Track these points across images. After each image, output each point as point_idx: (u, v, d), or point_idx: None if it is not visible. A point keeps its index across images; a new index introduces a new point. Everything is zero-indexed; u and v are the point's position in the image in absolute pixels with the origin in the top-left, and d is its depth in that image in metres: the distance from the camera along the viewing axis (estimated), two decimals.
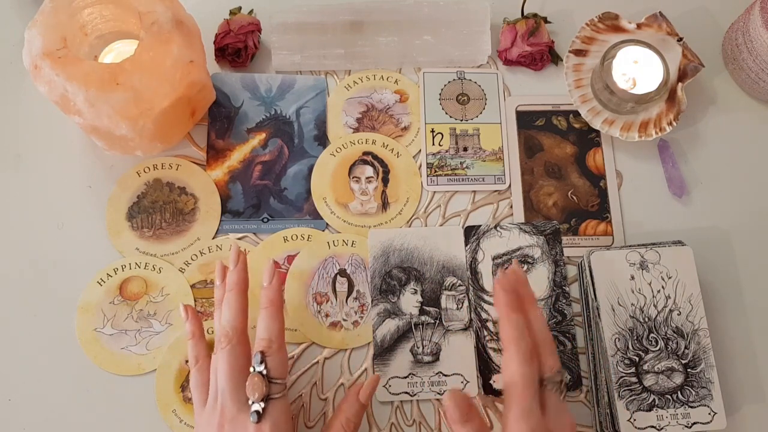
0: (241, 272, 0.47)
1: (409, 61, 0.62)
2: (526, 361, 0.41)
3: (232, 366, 0.43)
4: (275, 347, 0.43)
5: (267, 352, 0.43)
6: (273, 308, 0.45)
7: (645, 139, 0.57)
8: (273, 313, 0.45)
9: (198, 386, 0.46)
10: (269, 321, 0.44)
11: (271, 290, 0.46)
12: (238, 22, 0.59)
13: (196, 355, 0.47)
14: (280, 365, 0.43)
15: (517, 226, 0.57)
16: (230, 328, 0.44)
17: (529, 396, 0.40)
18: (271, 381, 0.42)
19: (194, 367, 0.47)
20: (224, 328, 0.44)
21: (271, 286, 0.46)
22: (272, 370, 0.42)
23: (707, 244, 0.57)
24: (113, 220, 0.56)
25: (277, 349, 0.43)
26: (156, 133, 0.52)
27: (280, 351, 0.43)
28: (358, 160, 0.59)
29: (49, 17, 0.49)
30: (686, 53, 0.58)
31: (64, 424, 0.52)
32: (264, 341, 0.43)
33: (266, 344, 0.43)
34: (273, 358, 0.43)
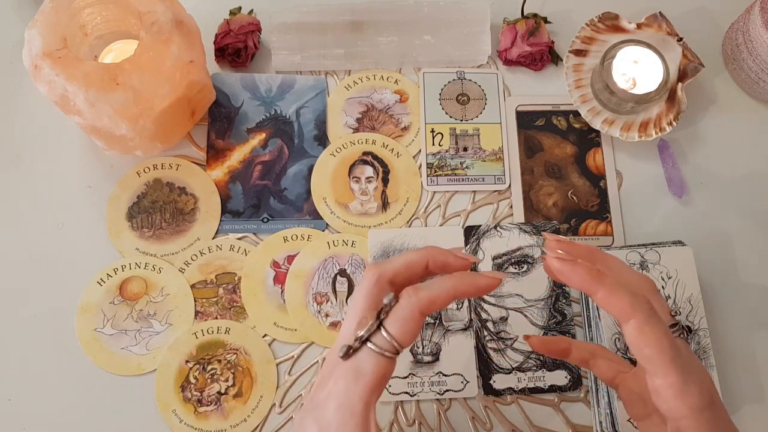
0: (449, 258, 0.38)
1: (409, 61, 0.62)
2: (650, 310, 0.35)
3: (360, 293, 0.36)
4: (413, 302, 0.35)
5: (402, 301, 0.35)
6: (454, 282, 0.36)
7: (645, 139, 0.57)
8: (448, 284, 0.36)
9: None
10: (438, 284, 0.36)
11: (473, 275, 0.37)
12: (238, 22, 0.59)
13: None
14: (401, 323, 0.34)
15: (517, 226, 0.57)
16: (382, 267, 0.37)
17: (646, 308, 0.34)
18: (382, 328, 0.34)
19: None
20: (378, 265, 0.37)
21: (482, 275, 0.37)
22: (391, 321, 0.34)
23: (707, 244, 0.57)
24: (113, 220, 0.56)
25: (413, 307, 0.35)
26: (156, 133, 0.52)
27: (413, 312, 0.35)
28: (358, 160, 0.59)
29: (49, 17, 0.49)
30: (686, 53, 0.58)
31: (64, 424, 0.52)
32: (411, 291, 0.35)
33: (410, 294, 0.35)
34: (401, 311, 0.35)
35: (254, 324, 0.54)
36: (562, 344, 0.44)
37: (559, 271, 0.36)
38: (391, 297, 0.35)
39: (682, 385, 0.34)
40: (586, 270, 0.35)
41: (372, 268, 0.37)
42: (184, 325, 0.54)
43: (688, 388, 0.34)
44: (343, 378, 0.34)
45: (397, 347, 0.34)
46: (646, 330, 0.34)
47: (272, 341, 0.54)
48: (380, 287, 0.36)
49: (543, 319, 0.54)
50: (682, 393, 0.34)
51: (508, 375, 0.53)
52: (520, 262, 0.56)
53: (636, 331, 0.34)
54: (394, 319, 0.34)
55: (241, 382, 0.53)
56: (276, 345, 0.54)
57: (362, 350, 0.34)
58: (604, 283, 0.35)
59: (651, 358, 0.34)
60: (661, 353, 0.34)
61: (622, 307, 0.34)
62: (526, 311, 0.54)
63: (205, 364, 0.53)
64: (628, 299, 0.34)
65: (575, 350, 0.44)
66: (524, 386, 0.53)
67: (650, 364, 0.34)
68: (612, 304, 0.34)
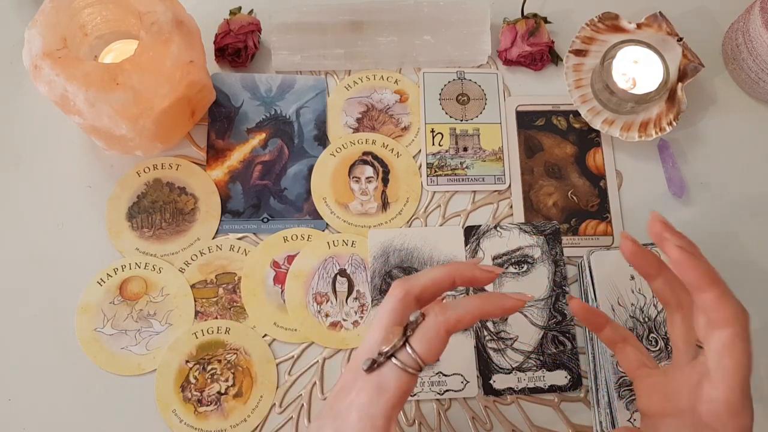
0: (475, 272, 0.39)
1: (409, 61, 0.62)
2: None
3: (387, 311, 0.37)
4: (440, 321, 0.35)
5: (429, 319, 0.36)
6: (481, 302, 0.37)
7: (645, 139, 0.57)
8: (474, 304, 0.37)
9: None
10: (465, 304, 0.37)
11: (500, 296, 0.38)
12: (238, 22, 0.59)
13: None
14: (427, 341, 0.35)
15: (517, 226, 0.57)
16: (409, 284, 0.37)
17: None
18: (407, 345, 0.35)
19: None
20: (404, 281, 0.38)
21: (507, 297, 0.38)
22: (416, 338, 0.35)
23: (707, 244, 0.57)
24: (113, 220, 0.56)
25: (440, 325, 0.35)
26: (156, 133, 0.52)
27: (439, 330, 0.35)
28: (358, 160, 0.59)
29: (49, 17, 0.49)
30: (686, 53, 0.58)
31: (64, 424, 0.52)
32: (438, 309, 0.36)
33: (437, 313, 0.36)
34: (427, 328, 0.35)
35: (254, 324, 0.54)
36: (601, 318, 0.43)
37: (679, 261, 0.35)
38: (418, 314, 0.36)
39: (739, 407, 0.34)
40: (709, 267, 0.35)
41: (399, 284, 0.37)
42: (184, 325, 0.54)
43: (743, 411, 0.35)
44: (366, 391, 0.34)
45: (420, 364, 0.35)
46: (737, 343, 0.34)
47: (272, 341, 0.54)
48: (406, 303, 0.37)
49: (543, 319, 0.54)
50: (735, 414, 0.34)
51: (508, 375, 0.53)
52: (520, 262, 0.56)
53: (728, 341, 0.34)
54: (420, 336, 0.35)
55: (241, 382, 0.53)
56: (276, 345, 0.54)
57: (386, 365, 0.35)
58: (719, 286, 0.35)
59: (726, 371, 0.34)
60: (736, 372, 0.34)
61: (726, 315, 0.35)
62: (526, 311, 0.54)
63: (205, 364, 0.53)
64: (734, 308, 0.35)
65: (609, 329, 0.43)
66: (524, 386, 0.53)
67: (722, 375, 0.34)
68: (717, 309, 0.34)
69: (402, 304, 0.37)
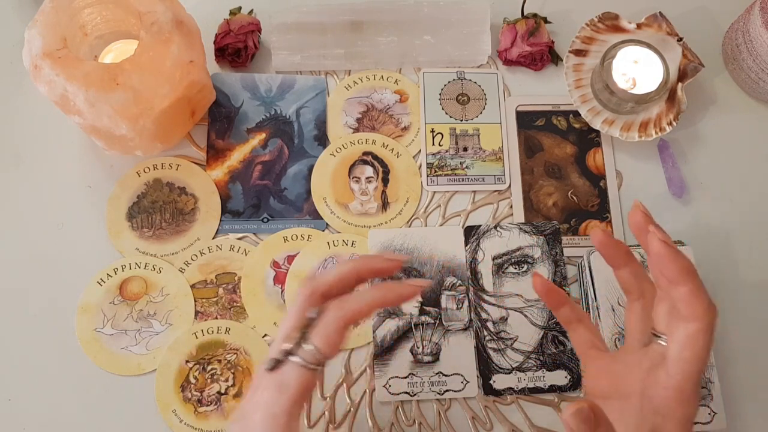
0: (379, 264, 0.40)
1: (409, 61, 0.62)
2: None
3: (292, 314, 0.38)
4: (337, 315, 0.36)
5: (326, 314, 0.36)
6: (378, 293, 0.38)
7: (645, 139, 0.57)
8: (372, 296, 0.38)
9: None
10: (361, 297, 0.38)
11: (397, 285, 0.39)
12: (238, 22, 0.59)
13: None
14: (324, 336, 0.36)
15: (517, 226, 0.57)
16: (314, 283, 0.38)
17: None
18: (305, 343, 0.36)
19: None
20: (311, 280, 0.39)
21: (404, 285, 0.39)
22: (314, 334, 0.36)
23: (707, 244, 0.57)
24: (113, 220, 0.56)
25: (337, 320, 0.36)
26: (156, 133, 0.52)
27: (336, 324, 0.36)
28: (358, 160, 0.59)
29: (49, 17, 0.49)
30: (686, 53, 0.58)
31: (64, 424, 0.52)
32: (335, 303, 0.37)
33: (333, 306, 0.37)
34: (324, 324, 0.36)
35: (254, 324, 0.54)
36: (561, 297, 0.43)
37: (660, 255, 0.36)
38: (315, 311, 0.37)
39: (690, 397, 0.35)
40: (687, 261, 0.35)
41: (306, 283, 0.38)
42: (184, 325, 0.54)
43: (692, 401, 0.36)
44: (269, 390, 0.35)
45: (320, 359, 0.36)
46: (700, 337, 0.35)
47: (272, 341, 0.54)
48: (312, 302, 0.38)
49: (543, 319, 0.54)
50: (685, 402, 0.35)
51: (508, 375, 0.53)
52: (520, 262, 0.56)
53: (693, 334, 0.35)
54: (318, 332, 0.36)
55: (241, 382, 0.53)
56: None
57: (287, 363, 0.35)
58: (695, 281, 0.35)
59: (685, 362, 0.35)
60: (694, 364, 0.35)
61: (696, 309, 0.35)
62: (526, 311, 0.55)
63: (205, 364, 0.53)
64: (705, 304, 0.35)
65: (567, 308, 0.43)
66: (524, 386, 0.53)
67: (680, 366, 0.35)
68: (690, 303, 0.35)
69: (308, 303, 0.37)
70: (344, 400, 0.52)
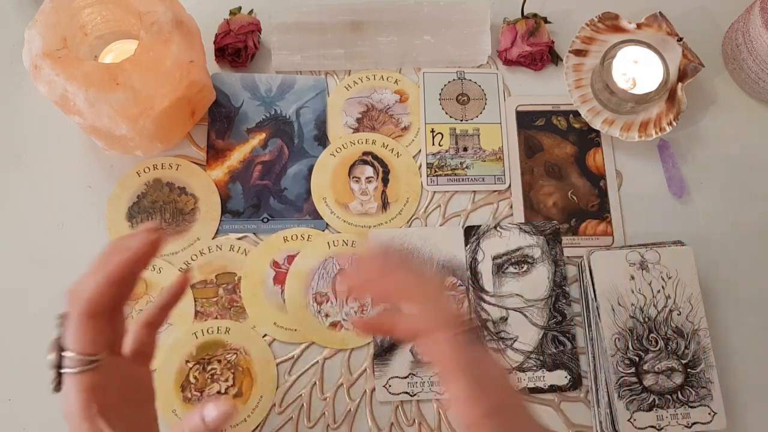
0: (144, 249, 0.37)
1: (409, 61, 0.62)
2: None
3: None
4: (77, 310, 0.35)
5: (64, 315, 0.36)
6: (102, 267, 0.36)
7: (645, 139, 0.57)
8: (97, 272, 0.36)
9: None
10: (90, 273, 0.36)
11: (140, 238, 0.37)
12: (238, 22, 0.59)
13: None
14: (72, 335, 0.35)
15: (517, 226, 0.57)
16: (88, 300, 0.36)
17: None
18: (63, 350, 0.35)
19: None
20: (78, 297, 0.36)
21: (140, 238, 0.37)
22: (66, 339, 0.35)
23: (707, 244, 0.57)
24: (113, 220, 0.56)
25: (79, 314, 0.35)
26: (156, 133, 0.52)
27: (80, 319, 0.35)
28: (358, 160, 0.59)
29: (49, 17, 0.49)
30: (686, 53, 0.58)
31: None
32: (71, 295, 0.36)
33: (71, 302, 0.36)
34: (69, 325, 0.36)
35: (254, 324, 0.54)
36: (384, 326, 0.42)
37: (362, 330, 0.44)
38: (60, 318, 0.36)
39: (470, 392, 0.36)
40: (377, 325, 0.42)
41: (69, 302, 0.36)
42: (184, 325, 0.54)
43: (477, 395, 0.36)
44: (64, 405, 0.36)
45: (84, 357, 0.35)
46: (431, 345, 0.37)
47: (272, 341, 0.54)
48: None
49: (543, 319, 0.54)
50: (471, 400, 0.36)
51: None
52: (520, 262, 0.56)
53: (426, 347, 0.37)
54: (66, 334, 0.35)
55: (241, 382, 0.52)
56: (276, 345, 0.54)
57: (64, 378, 0.36)
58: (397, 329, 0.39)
59: (441, 371, 0.37)
60: (450, 363, 0.36)
61: (408, 333, 0.38)
62: (526, 311, 0.54)
63: (205, 364, 0.53)
64: (411, 324, 0.38)
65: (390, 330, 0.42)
66: (524, 386, 0.53)
67: (442, 375, 0.37)
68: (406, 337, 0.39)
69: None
70: (344, 400, 0.52)
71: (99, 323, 0.36)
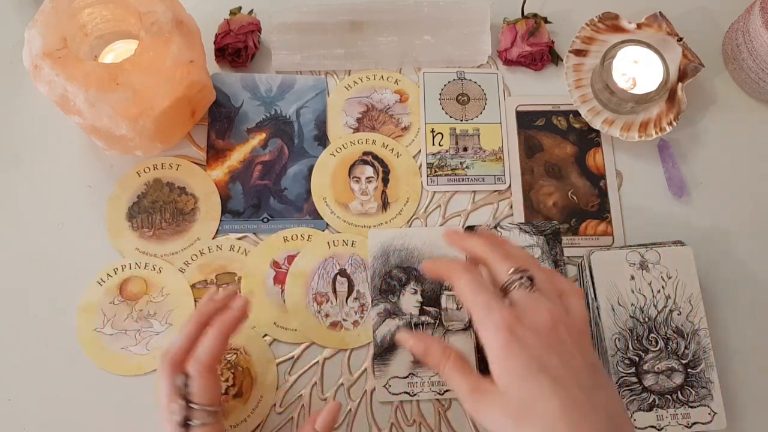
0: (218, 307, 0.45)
1: (409, 61, 0.62)
2: (464, 269, 0.40)
3: (162, 397, 0.41)
4: (200, 370, 0.41)
5: (191, 374, 0.41)
6: (218, 331, 0.43)
7: (645, 139, 0.57)
8: (215, 336, 0.42)
9: None
10: (208, 342, 0.42)
11: (229, 315, 0.44)
12: (238, 22, 0.59)
13: None
14: (203, 390, 0.41)
15: (517, 226, 0.57)
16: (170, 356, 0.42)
17: (479, 297, 0.39)
18: (193, 405, 0.40)
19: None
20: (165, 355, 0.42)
21: (234, 310, 0.44)
22: (194, 395, 0.41)
23: (707, 244, 0.57)
24: (113, 220, 0.56)
25: (202, 372, 0.41)
26: (156, 133, 0.52)
27: (204, 375, 0.41)
28: (358, 160, 0.59)
29: (49, 17, 0.49)
30: (686, 53, 0.58)
31: (64, 424, 0.52)
32: (192, 362, 0.41)
33: (193, 365, 0.41)
34: (196, 382, 0.41)
35: (254, 324, 0.54)
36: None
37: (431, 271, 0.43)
38: (181, 377, 0.41)
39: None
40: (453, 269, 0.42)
41: (163, 359, 0.42)
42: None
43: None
44: None
45: (210, 409, 0.41)
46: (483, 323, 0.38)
47: (272, 341, 0.54)
48: (175, 372, 0.42)
49: None
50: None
51: None
52: None
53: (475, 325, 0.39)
54: (194, 392, 0.41)
55: (241, 382, 0.52)
56: (276, 345, 0.54)
57: (191, 429, 0.40)
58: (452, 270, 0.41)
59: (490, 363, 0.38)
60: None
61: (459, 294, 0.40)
62: None
63: None
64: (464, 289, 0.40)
65: None
66: None
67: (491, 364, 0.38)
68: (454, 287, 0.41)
69: (172, 378, 0.41)
70: (344, 400, 0.52)
71: (216, 377, 0.42)
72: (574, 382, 0.36)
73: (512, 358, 0.36)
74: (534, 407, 0.35)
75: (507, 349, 0.37)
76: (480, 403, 0.37)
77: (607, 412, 0.36)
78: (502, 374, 0.37)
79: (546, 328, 0.37)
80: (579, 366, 0.37)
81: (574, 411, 0.35)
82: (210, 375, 0.41)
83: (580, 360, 0.37)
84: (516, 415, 0.35)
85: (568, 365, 0.37)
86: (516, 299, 0.39)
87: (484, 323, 0.38)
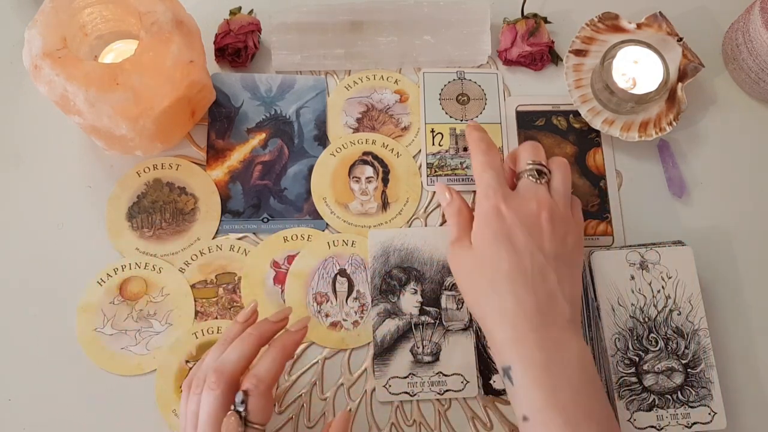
0: (274, 327, 0.46)
1: (409, 61, 0.62)
2: (483, 151, 0.49)
3: (216, 412, 0.41)
4: (262, 389, 0.42)
5: (252, 392, 0.41)
6: (281, 352, 0.44)
7: (645, 139, 0.57)
8: (277, 357, 0.43)
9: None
10: (270, 362, 0.43)
11: (291, 337, 0.45)
12: (238, 22, 0.60)
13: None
14: (261, 410, 0.41)
15: None
16: (227, 372, 0.42)
17: (486, 178, 0.48)
18: (248, 424, 0.41)
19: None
20: (221, 370, 0.42)
21: (295, 333, 0.46)
22: (252, 413, 0.41)
23: (707, 244, 0.57)
24: (113, 220, 0.56)
25: (263, 391, 0.42)
26: (156, 133, 0.52)
27: (265, 395, 0.42)
28: (358, 160, 0.59)
29: (49, 17, 0.49)
30: (686, 53, 0.58)
31: (64, 424, 0.52)
32: (254, 380, 0.42)
33: (254, 384, 0.42)
34: (256, 400, 0.41)
35: None
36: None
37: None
38: (241, 396, 0.41)
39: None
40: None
41: (213, 375, 0.42)
42: (184, 325, 0.54)
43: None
44: None
45: (263, 430, 0.42)
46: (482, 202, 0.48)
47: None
48: (227, 392, 0.42)
49: None
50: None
51: None
52: None
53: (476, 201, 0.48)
54: (252, 410, 0.41)
55: None
56: None
57: None
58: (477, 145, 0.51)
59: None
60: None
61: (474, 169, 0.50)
62: None
63: None
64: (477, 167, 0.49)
65: None
66: None
67: None
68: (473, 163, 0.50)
69: (225, 396, 0.41)
70: (344, 400, 0.52)
71: (272, 397, 0.43)
72: (528, 257, 0.45)
73: (487, 226, 0.46)
74: (491, 263, 0.45)
75: (486, 218, 0.47)
76: (457, 252, 0.48)
77: (548, 288, 0.44)
78: (476, 235, 0.47)
79: (528, 211, 0.46)
80: (542, 248, 0.45)
81: (519, 276, 0.44)
82: (269, 394, 0.42)
83: (547, 245, 0.46)
84: (478, 265, 0.46)
85: (531, 244, 0.45)
86: (520, 185, 0.49)
87: (479, 197, 0.48)
